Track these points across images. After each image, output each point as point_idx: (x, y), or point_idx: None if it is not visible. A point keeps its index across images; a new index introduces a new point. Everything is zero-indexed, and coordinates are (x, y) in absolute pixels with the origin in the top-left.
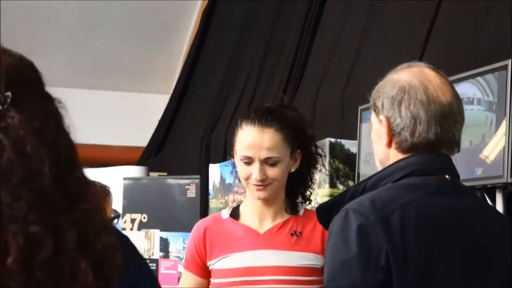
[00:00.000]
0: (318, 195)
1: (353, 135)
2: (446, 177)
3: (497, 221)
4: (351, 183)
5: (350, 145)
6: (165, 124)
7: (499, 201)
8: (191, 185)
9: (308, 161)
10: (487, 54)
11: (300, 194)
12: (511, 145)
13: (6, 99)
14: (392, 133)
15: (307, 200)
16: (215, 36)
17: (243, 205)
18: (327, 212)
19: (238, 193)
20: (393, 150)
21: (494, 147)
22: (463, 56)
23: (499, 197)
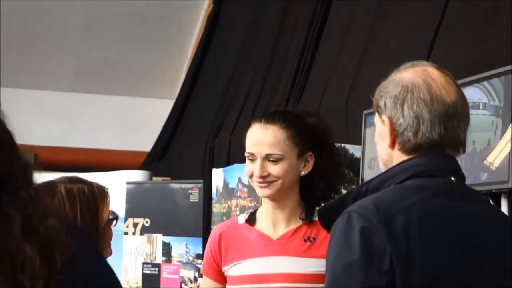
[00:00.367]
0: None
1: (358, 140)
2: (452, 178)
3: (505, 226)
4: None
5: (354, 150)
6: (169, 129)
7: (504, 206)
8: (194, 190)
9: (324, 168)
10: (492, 58)
11: (316, 202)
12: None
13: None
14: (395, 133)
15: None
16: (220, 41)
17: (259, 210)
18: (329, 214)
19: (241, 197)
20: (397, 151)
21: (498, 154)
22: (468, 60)
23: (504, 203)
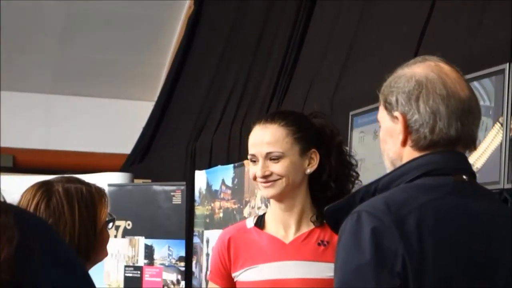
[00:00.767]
0: None
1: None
2: (464, 177)
3: None
4: None
5: None
6: (150, 130)
7: None
8: (177, 192)
9: (333, 167)
10: (483, 58)
11: (328, 204)
12: (508, 150)
13: None
14: (409, 130)
15: None
16: (201, 42)
17: (267, 213)
18: (336, 214)
19: (225, 199)
20: (408, 148)
21: (481, 155)
22: (458, 60)
23: None
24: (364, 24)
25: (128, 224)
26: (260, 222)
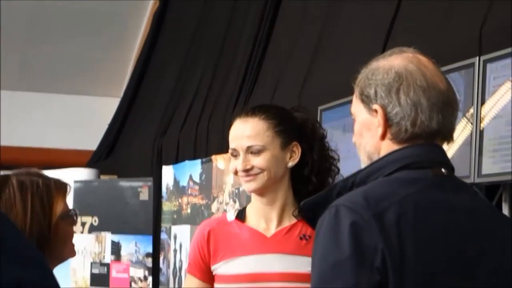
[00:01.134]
0: None
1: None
2: (442, 170)
3: (498, 220)
4: None
5: None
6: (116, 126)
7: None
8: (144, 188)
9: (314, 161)
10: (452, 52)
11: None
12: (478, 144)
13: None
14: (389, 123)
15: None
16: (167, 38)
17: (248, 207)
18: (313, 209)
19: (192, 195)
20: (387, 141)
21: (448, 149)
22: (427, 54)
23: None
24: (331, 19)
25: (95, 220)
26: (241, 215)
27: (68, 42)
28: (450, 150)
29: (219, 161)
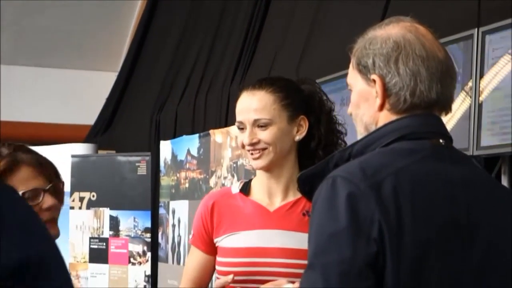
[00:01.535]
0: None
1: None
2: (441, 141)
3: (496, 192)
4: None
5: None
6: (113, 101)
7: None
8: (142, 162)
9: (321, 135)
10: (450, 24)
11: None
12: (477, 117)
13: None
14: (388, 93)
15: None
16: (165, 11)
17: (254, 180)
18: (309, 181)
19: (191, 170)
20: (385, 112)
21: (447, 122)
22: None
23: None
24: None
25: (93, 196)
26: (246, 189)
27: (63, 15)
28: (449, 123)
29: (217, 135)
